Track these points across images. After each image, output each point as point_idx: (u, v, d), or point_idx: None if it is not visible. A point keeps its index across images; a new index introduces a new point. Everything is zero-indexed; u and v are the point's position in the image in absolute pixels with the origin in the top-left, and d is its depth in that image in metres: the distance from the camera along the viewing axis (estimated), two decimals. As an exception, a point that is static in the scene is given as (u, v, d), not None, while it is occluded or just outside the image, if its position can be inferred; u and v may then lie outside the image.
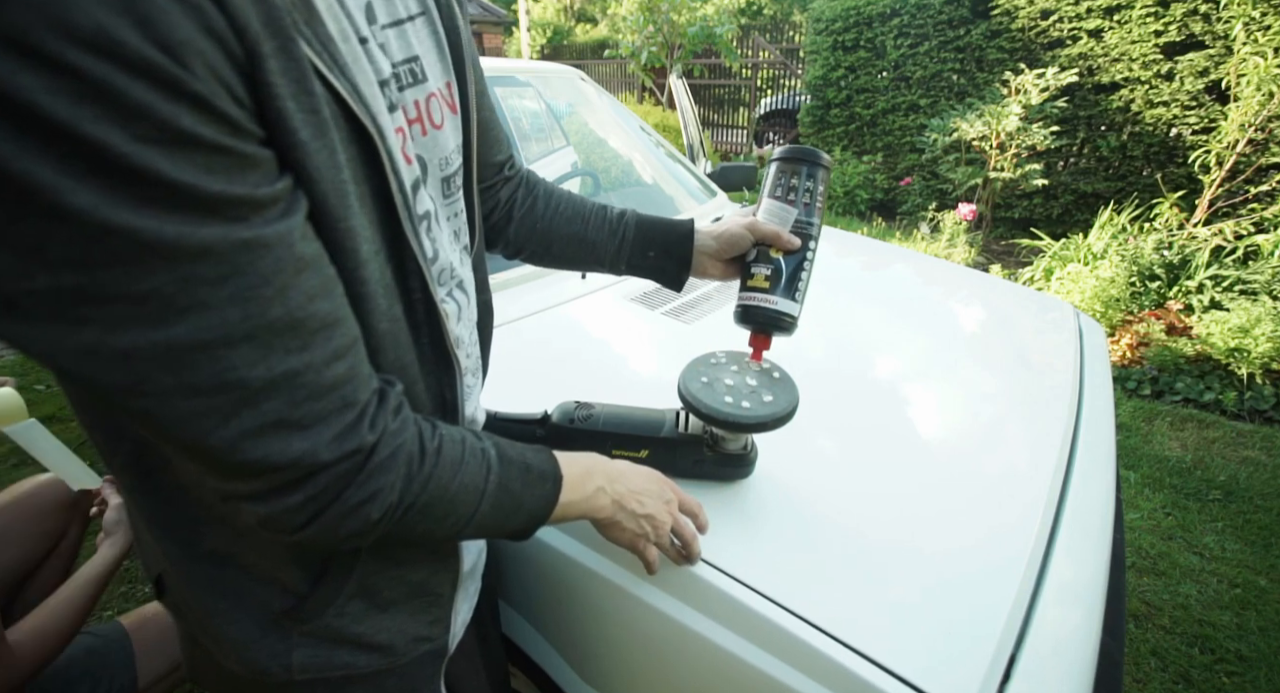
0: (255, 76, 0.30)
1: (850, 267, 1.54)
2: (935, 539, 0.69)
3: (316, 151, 0.34)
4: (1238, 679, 1.54)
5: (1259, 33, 3.70)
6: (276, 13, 0.31)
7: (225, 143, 0.29)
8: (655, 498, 0.60)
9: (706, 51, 8.14)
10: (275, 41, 0.31)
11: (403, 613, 0.54)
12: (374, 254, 0.40)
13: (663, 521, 0.59)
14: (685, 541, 0.62)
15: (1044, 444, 0.88)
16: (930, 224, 4.93)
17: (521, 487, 0.49)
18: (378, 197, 0.40)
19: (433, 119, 0.48)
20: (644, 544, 0.60)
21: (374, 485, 0.39)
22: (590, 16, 18.02)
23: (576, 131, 1.88)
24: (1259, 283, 3.08)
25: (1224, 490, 2.21)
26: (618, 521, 0.58)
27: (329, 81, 0.34)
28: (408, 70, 0.45)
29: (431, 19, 0.48)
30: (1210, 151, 3.70)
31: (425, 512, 0.43)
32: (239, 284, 0.31)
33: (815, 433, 0.85)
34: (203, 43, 0.27)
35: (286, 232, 0.32)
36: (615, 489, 0.57)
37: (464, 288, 0.56)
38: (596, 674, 0.75)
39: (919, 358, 1.11)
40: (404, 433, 0.41)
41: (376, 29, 0.42)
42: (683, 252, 0.73)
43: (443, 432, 0.44)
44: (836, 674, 0.55)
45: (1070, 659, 0.60)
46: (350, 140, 0.37)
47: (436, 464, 0.42)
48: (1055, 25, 4.65)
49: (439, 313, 0.47)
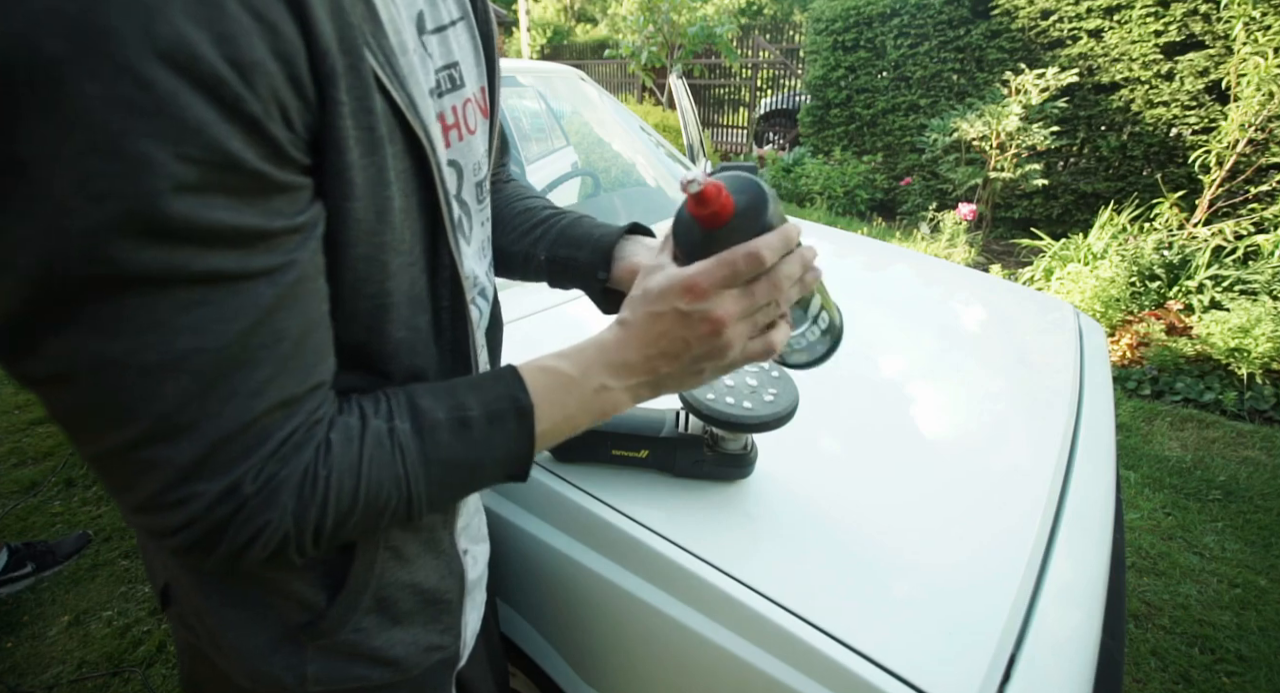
0: (326, 95, 0.31)
1: (850, 267, 1.54)
2: (935, 539, 0.69)
3: (364, 168, 0.34)
4: (1238, 679, 1.54)
5: (1259, 33, 3.70)
6: (351, 31, 0.31)
7: (263, 169, 0.29)
8: (680, 343, 0.42)
9: (706, 51, 8.14)
10: (347, 59, 0.31)
11: (416, 625, 0.54)
12: (405, 267, 0.40)
13: (713, 346, 0.42)
14: (767, 347, 0.44)
15: (1044, 444, 0.88)
16: (930, 224, 4.92)
17: (466, 447, 0.40)
18: (424, 208, 0.40)
19: (468, 124, 0.48)
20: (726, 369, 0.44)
21: (256, 524, 0.34)
22: (590, 16, 18.01)
23: (576, 132, 1.88)
24: (1259, 283, 3.08)
25: (1224, 490, 2.21)
26: (660, 392, 0.45)
27: (390, 95, 0.34)
28: (447, 76, 0.45)
29: (470, 24, 0.48)
30: (1210, 152, 3.70)
31: (344, 524, 0.37)
32: (203, 315, 0.29)
33: (815, 433, 0.85)
34: (272, 65, 0.28)
35: (287, 264, 0.32)
36: (622, 379, 0.43)
37: (485, 295, 0.56)
38: (596, 674, 0.75)
39: (919, 358, 1.11)
40: (288, 465, 0.35)
41: (426, 37, 0.42)
42: (591, 260, 0.60)
43: (336, 435, 0.37)
44: (836, 674, 0.55)
45: (1070, 659, 0.60)
46: (404, 153, 0.37)
47: (329, 481, 0.36)
48: (1055, 25, 4.65)
49: (468, 321, 0.46)
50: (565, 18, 18.34)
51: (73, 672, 1.48)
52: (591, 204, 1.68)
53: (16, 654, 1.53)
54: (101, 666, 1.50)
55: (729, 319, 0.41)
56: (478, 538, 0.63)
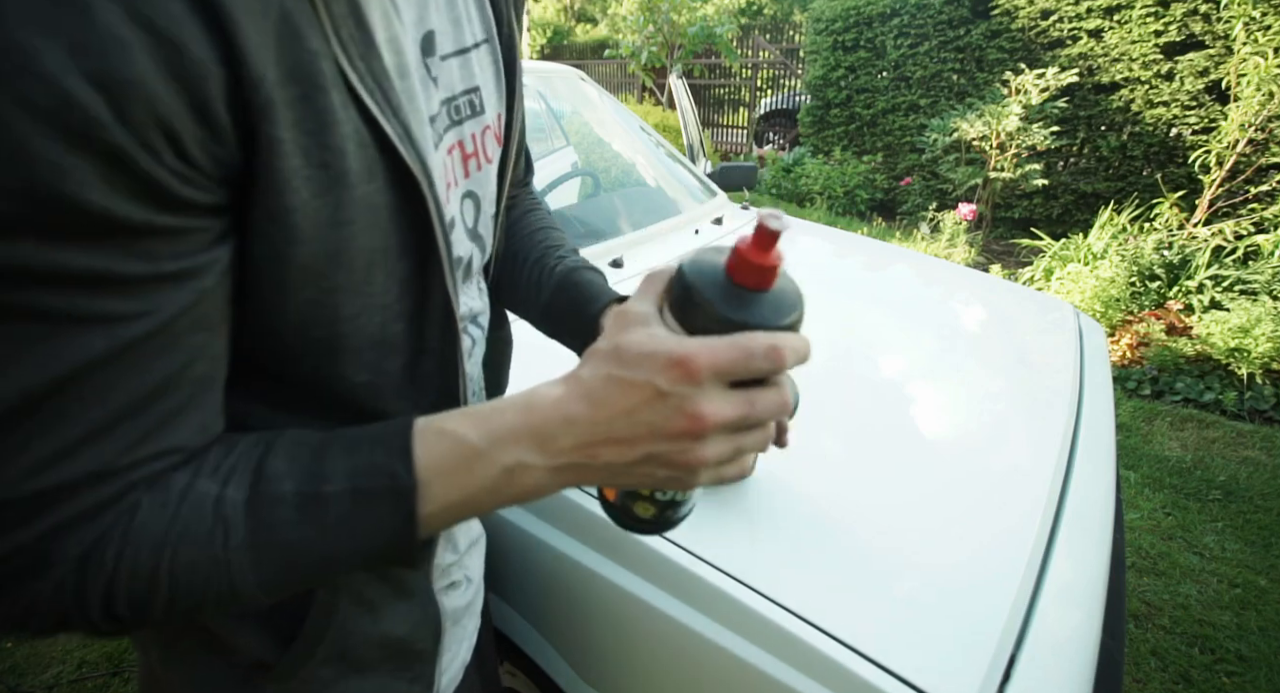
0: (258, 130, 0.27)
1: (850, 267, 1.54)
2: (935, 539, 0.69)
3: (315, 211, 0.30)
4: (1238, 679, 1.54)
5: (1259, 33, 3.70)
6: (307, 57, 0.28)
7: (117, 208, 0.24)
8: (644, 429, 0.30)
9: (706, 51, 8.13)
10: (297, 90, 0.28)
11: (382, 673, 0.48)
12: (373, 308, 0.35)
13: (681, 450, 0.31)
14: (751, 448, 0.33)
15: (1044, 444, 0.88)
16: (930, 224, 4.92)
17: (316, 531, 0.31)
18: (414, 248, 0.36)
19: (486, 153, 0.46)
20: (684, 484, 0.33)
21: (25, 597, 0.29)
22: (590, 16, 18.01)
23: (576, 132, 1.88)
24: (1259, 283, 3.08)
25: (1224, 490, 2.21)
26: (589, 483, 0.34)
27: (379, 123, 0.31)
28: (467, 101, 0.42)
29: (494, 47, 0.46)
30: (1210, 152, 3.70)
31: (146, 607, 0.30)
32: (37, 359, 0.25)
33: (815, 432, 0.85)
34: (160, 86, 0.23)
35: (139, 315, 0.27)
36: (548, 457, 0.32)
37: (479, 322, 0.51)
38: (596, 674, 0.75)
39: (919, 358, 1.11)
40: (74, 535, 0.29)
41: (435, 61, 0.39)
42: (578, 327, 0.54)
43: (149, 499, 0.30)
44: (836, 674, 0.55)
45: (1070, 659, 0.60)
46: (390, 187, 0.33)
47: (121, 557, 0.29)
48: (1055, 25, 4.65)
49: (459, 366, 0.42)
50: (565, 18, 18.33)
51: (73, 672, 1.48)
52: (592, 204, 1.68)
53: (16, 654, 1.53)
54: (101, 666, 1.50)
55: (715, 424, 0.30)
56: (466, 564, 0.58)
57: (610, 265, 1.29)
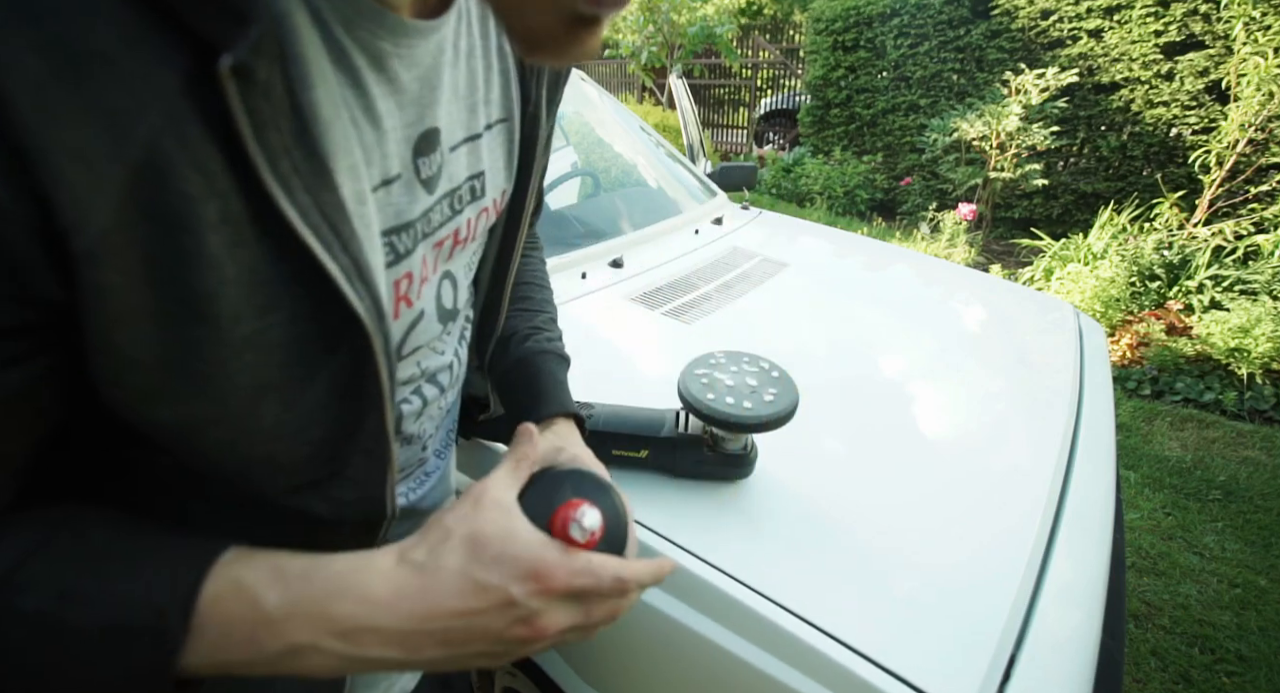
0: (79, 275, 0.24)
1: (850, 267, 1.54)
2: (935, 539, 0.69)
3: (157, 345, 0.27)
4: (1238, 679, 1.54)
5: (1259, 33, 3.70)
6: (175, 200, 0.25)
7: None
8: (479, 632, 0.31)
9: (706, 51, 8.13)
10: (154, 228, 0.25)
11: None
12: (256, 438, 0.32)
13: (509, 651, 0.33)
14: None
15: (1044, 444, 0.88)
16: (930, 224, 4.92)
17: (55, 657, 0.28)
18: (348, 391, 0.33)
19: (475, 232, 0.45)
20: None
21: None
22: (590, 16, 17.98)
23: (576, 132, 1.88)
24: (1259, 283, 3.08)
25: (1224, 490, 2.21)
26: (386, 669, 0.32)
27: (320, 262, 0.29)
28: (469, 188, 0.42)
29: (510, 126, 0.45)
30: (1210, 152, 3.69)
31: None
32: None
33: (815, 433, 0.85)
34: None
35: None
36: (349, 646, 0.30)
37: (436, 380, 0.47)
38: (596, 674, 0.75)
39: (919, 358, 1.11)
40: None
41: (435, 157, 0.37)
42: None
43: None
44: (836, 674, 0.55)
45: (1070, 659, 0.60)
46: (319, 320, 0.30)
47: None
48: (1055, 25, 4.65)
49: (385, 475, 0.38)
50: (565, 18, 18.30)
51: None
52: (592, 204, 1.68)
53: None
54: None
55: (551, 634, 0.32)
56: None
57: (610, 265, 1.29)
